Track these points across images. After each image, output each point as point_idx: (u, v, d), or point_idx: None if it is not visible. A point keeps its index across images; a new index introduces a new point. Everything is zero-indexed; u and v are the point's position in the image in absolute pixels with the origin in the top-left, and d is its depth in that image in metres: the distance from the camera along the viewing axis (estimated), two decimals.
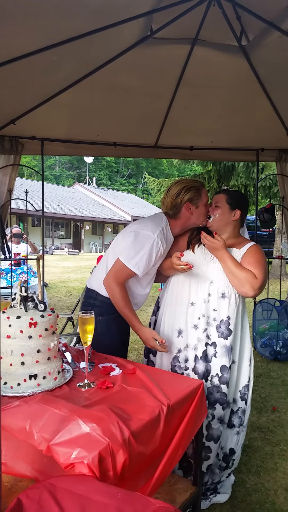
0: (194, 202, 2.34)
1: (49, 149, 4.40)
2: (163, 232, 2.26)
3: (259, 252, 2.30)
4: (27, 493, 1.14)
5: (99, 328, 2.21)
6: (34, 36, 2.50)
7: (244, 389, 2.31)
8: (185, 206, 2.33)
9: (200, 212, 2.37)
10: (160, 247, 2.23)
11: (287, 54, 2.82)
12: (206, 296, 2.23)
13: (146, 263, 2.20)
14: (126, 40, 2.78)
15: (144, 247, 2.20)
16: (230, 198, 2.32)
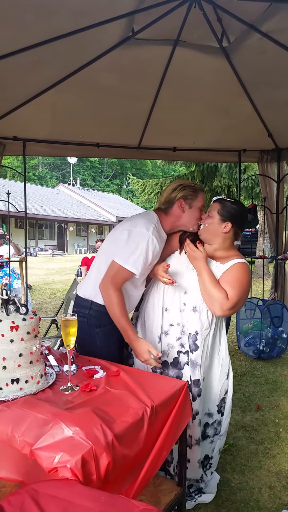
0: (188, 201, 2.23)
1: (32, 149, 4.37)
2: (156, 229, 2.15)
3: (242, 271, 2.14)
4: (9, 500, 1.12)
5: (98, 341, 2.17)
6: (14, 36, 2.48)
7: (220, 403, 2.26)
8: (178, 202, 2.22)
9: (192, 214, 2.25)
10: (156, 245, 2.11)
11: (267, 55, 2.86)
12: (181, 305, 2.17)
13: (143, 262, 2.07)
14: (108, 40, 2.78)
15: (139, 245, 2.07)
16: (222, 209, 2.16)
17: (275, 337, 4.70)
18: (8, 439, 1.37)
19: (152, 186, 13.76)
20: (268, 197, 5.14)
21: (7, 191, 4.46)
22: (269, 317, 4.78)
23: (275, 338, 4.70)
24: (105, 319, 2.12)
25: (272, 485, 2.43)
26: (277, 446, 2.84)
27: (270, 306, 4.82)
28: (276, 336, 4.71)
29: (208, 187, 12.35)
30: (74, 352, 2.00)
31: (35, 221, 25.95)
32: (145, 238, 2.08)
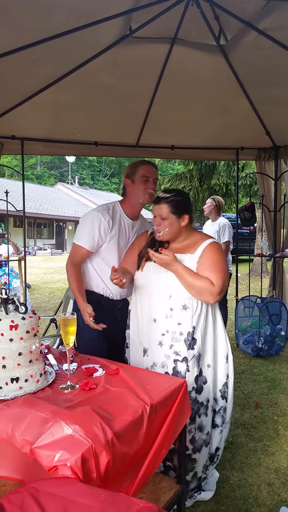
0: (130, 178, 2.47)
1: (30, 148, 4.36)
2: (109, 209, 2.45)
3: (214, 252, 2.16)
4: (9, 498, 1.12)
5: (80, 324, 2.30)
6: (12, 35, 2.48)
7: (223, 388, 2.28)
8: (125, 182, 2.50)
9: (137, 187, 2.45)
10: (102, 220, 2.37)
11: (264, 53, 2.86)
12: (168, 311, 2.13)
13: (90, 237, 2.37)
14: (105, 39, 2.78)
15: (86, 223, 2.41)
16: (173, 207, 2.13)
17: (274, 334, 4.71)
18: (8, 438, 1.37)
19: None
20: (266, 195, 5.15)
21: (5, 190, 4.46)
22: (268, 315, 4.79)
23: (274, 336, 4.71)
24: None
25: (271, 482, 2.44)
26: (276, 443, 2.85)
27: (268, 304, 4.83)
28: (275, 334, 4.72)
29: (206, 185, 12.37)
30: (73, 351, 2.01)
31: (33, 220, 25.92)
32: (90, 216, 2.41)
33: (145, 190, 2.43)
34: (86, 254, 2.42)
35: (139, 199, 2.46)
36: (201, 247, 2.17)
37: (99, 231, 2.38)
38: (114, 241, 2.44)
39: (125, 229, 2.50)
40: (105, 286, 2.50)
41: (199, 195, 12.55)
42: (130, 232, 2.53)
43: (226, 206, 13.18)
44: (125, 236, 2.50)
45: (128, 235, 2.52)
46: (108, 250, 2.45)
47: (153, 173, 2.47)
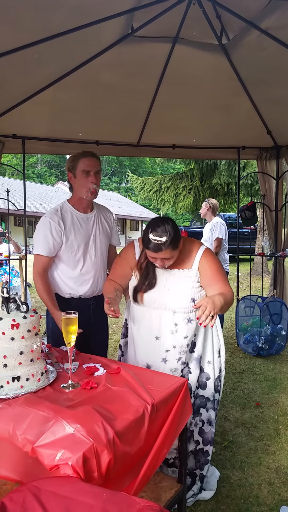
0: (72, 171, 2.42)
1: (31, 147, 4.36)
2: (57, 210, 2.43)
3: (209, 260, 2.13)
4: (11, 497, 1.12)
5: (50, 324, 2.52)
6: (14, 34, 2.47)
7: (216, 381, 2.29)
8: (68, 176, 2.46)
9: (79, 183, 2.40)
10: (52, 223, 2.37)
11: (266, 52, 2.86)
12: (172, 327, 2.12)
13: (44, 242, 2.37)
14: (107, 38, 2.78)
15: (39, 231, 2.41)
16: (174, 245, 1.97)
17: (274, 334, 4.71)
18: (9, 436, 1.38)
19: (151, 183, 13.76)
20: (267, 194, 5.14)
21: (6, 189, 4.46)
22: (268, 314, 4.79)
23: (274, 335, 4.71)
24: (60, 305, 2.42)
25: (272, 481, 2.44)
26: (276, 443, 2.85)
27: (269, 303, 4.83)
28: (275, 333, 4.72)
29: (207, 184, 12.36)
30: (74, 350, 2.01)
31: (34, 219, 25.89)
32: (41, 223, 2.41)
33: (86, 186, 2.38)
34: (47, 261, 2.42)
35: (82, 196, 2.43)
36: (196, 259, 2.13)
37: (52, 235, 2.37)
38: (72, 239, 2.43)
39: (80, 224, 2.48)
40: (72, 290, 2.50)
41: (200, 195, 12.53)
42: (87, 225, 2.51)
43: (227, 205, 13.16)
44: (83, 231, 2.48)
45: (86, 228, 2.50)
46: (68, 251, 2.43)
47: (94, 165, 2.39)
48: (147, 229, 1.98)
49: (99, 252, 2.55)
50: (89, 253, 2.51)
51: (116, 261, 2.37)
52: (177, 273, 2.12)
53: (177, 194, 12.96)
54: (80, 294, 2.51)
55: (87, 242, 2.50)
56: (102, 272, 2.61)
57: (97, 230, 2.55)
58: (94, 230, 2.53)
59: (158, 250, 1.95)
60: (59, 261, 2.46)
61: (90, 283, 2.51)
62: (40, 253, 2.39)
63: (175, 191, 13.01)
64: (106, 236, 2.62)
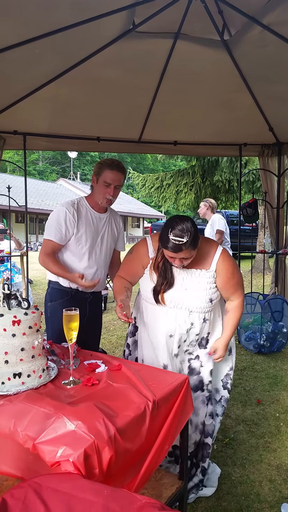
0: (96, 176, 2.53)
1: (32, 143, 4.35)
2: (74, 203, 2.53)
3: (227, 263, 2.13)
4: (12, 493, 1.12)
5: (48, 313, 2.63)
6: (15, 29, 2.46)
7: (226, 378, 2.32)
8: (92, 178, 2.57)
9: (98, 189, 2.53)
10: (67, 213, 2.46)
11: (268, 49, 2.84)
12: (188, 326, 2.12)
13: (57, 230, 2.46)
14: (108, 33, 2.76)
15: (52, 218, 2.50)
16: (194, 245, 1.94)
17: (276, 331, 4.71)
18: (10, 433, 1.38)
19: (153, 180, 13.73)
20: (269, 191, 5.13)
21: (7, 186, 4.45)
22: (270, 311, 4.79)
23: (276, 333, 4.70)
24: (56, 295, 2.59)
25: (273, 478, 2.44)
26: (277, 440, 2.86)
27: (270, 300, 4.82)
28: (277, 331, 4.71)
29: (209, 181, 12.32)
30: (76, 347, 2.01)
31: (35, 216, 25.90)
32: (56, 211, 2.51)
33: (104, 195, 2.51)
34: (57, 247, 2.50)
35: (98, 200, 2.56)
36: (214, 260, 2.12)
37: (65, 224, 2.46)
38: (82, 233, 2.51)
39: (93, 221, 2.57)
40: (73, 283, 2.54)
41: (202, 192, 12.50)
42: (99, 224, 2.61)
43: (229, 202, 13.13)
44: (93, 228, 2.57)
45: (97, 226, 2.60)
46: (76, 243, 2.52)
47: (117, 180, 2.50)
48: (166, 229, 1.92)
49: (104, 251, 2.64)
50: (95, 250, 2.58)
51: (128, 258, 2.31)
52: (195, 273, 2.10)
53: (178, 191, 12.93)
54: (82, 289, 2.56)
55: (95, 238, 2.58)
56: (103, 271, 2.68)
57: (106, 231, 2.65)
58: (103, 230, 2.63)
59: (179, 250, 1.91)
60: (66, 250, 2.54)
61: (89, 278, 2.56)
62: (51, 238, 2.47)
63: (176, 188, 12.98)
64: (113, 238, 2.73)
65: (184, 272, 2.10)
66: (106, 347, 4.86)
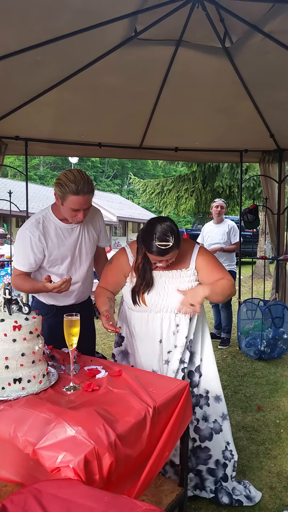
0: (60, 199, 2.18)
1: (33, 149, 4.37)
2: (38, 222, 2.25)
3: (204, 257, 2.16)
4: (12, 499, 1.12)
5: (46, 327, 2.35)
6: (17, 36, 2.49)
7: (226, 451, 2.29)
8: (55, 195, 2.21)
9: (65, 212, 2.20)
10: (32, 239, 2.21)
11: (269, 56, 2.86)
12: (174, 327, 2.12)
13: (25, 259, 2.25)
14: (110, 40, 2.79)
15: (18, 245, 2.27)
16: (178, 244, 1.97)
17: (276, 337, 4.70)
18: (10, 438, 1.37)
19: (154, 186, 13.77)
20: (270, 197, 5.14)
21: (8, 191, 4.46)
22: (270, 317, 4.78)
23: (276, 339, 4.69)
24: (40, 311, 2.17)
25: (273, 485, 2.43)
26: (278, 447, 2.84)
27: (271, 306, 4.81)
28: (277, 337, 4.70)
29: (209, 187, 12.36)
30: (76, 352, 2.01)
31: None
32: (21, 236, 2.26)
33: (73, 218, 2.22)
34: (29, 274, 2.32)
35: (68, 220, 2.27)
36: (193, 258, 2.16)
37: (32, 250, 2.23)
38: (55, 255, 2.29)
39: (65, 236, 2.31)
40: (55, 300, 2.41)
41: (202, 197, 12.54)
42: (72, 237, 2.34)
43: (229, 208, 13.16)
44: (67, 244, 2.32)
45: (71, 241, 2.33)
46: (52, 265, 2.32)
47: (85, 203, 2.16)
48: (149, 234, 1.95)
49: (84, 263, 2.43)
50: (74, 266, 2.38)
51: (108, 268, 2.28)
52: (175, 274, 2.13)
53: (179, 197, 12.97)
54: (64, 304, 2.42)
55: (73, 254, 2.36)
56: (88, 282, 2.51)
57: (82, 241, 2.39)
58: (79, 241, 2.38)
59: (165, 254, 1.95)
60: (44, 271, 2.33)
61: (74, 294, 2.42)
62: (19, 268, 2.27)
63: (177, 193, 13.02)
64: (93, 244, 2.48)
65: (165, 275, 2.12)
66: (106, 353, 4.86)
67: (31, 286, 2.26)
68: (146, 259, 2.12)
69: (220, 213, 5.32)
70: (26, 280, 2.28)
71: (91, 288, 2.63)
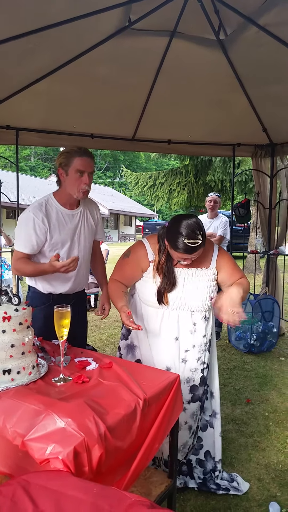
0: (64, 168, 2.28)
1: (25, 139, 4.30)
2: (41, 205, 2.30)
3: (224, 256, 2.18)
4: (0, 490, 1.11)
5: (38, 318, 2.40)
6: (8, 23, 2.43)
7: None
8: (58, 172, 2.32)
9: (70, 181, 2.27)
10: (36, 220, 2.25)
11: (263, 49, 2.84)
12: (191, 326, 2.12)
13: (26, 239, 2.27)
14: (104, 30, 2.75)
15: (21, 227, 2.29)
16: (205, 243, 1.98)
17: (266, 331, 4.73)
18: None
19: (146, 179, 13.74)
20: (261, 192, 5.15)
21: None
22: (260, 311, 4.81)
23: (266, 333, 4.73)
24: (37, 301, 2.40)
25: (261, 477, 2.46)
26: (266, 439, 2.87)
27: (261, 300, 4.84)
28: (267, 331, 4.74)
29: (202, 181, 12.36)
30: (66, 344, 2.00)
31: None
32: (23, 218, 2.28)
33: (79, 186, 2.28)
34: (28, 257, 2.33)
35: (73, 194, 2.32)
36: (214, 258, 2.16)
37: (35, 232, 2.26)
38: (56, 238, 2.33)
39: (65, 221, 2.37)
40: (52, 287, 2.42)
41: (194, 191, 12.54)
42: (72, 222, 2.40)
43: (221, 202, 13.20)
44: (67, 228, 2.37)
45: (71, 226, 2.39)
46: (52, 249, 2.34)
47: (89, 166, 2.28)
48: (176, 232, 1.91)
49: (83, 250, 2.47)
50: (73, 252, 2.41)
51: (125, 261, 2.22)
52: (195, 272, 2.11)
53: (171, 190, 12.96)
54: (61, 291, 2.43)
55: (72, 239, 2.40)
56: (85, 270, 2.54)
57: (82, 227, 2.45)
58: (79, 227, 2.44)
59: (193, 251, 1.92)
60: (42, 257, 2.36)
61: (72, 280, 2.44)
62: (21, 250, 2.28)
63: (169, 187, 13.00)
64: (91, 233, 2.54)
65: (184, 272, 2.10)
66: (97, 345, 4.86)
67: (34, 268, 2.28)
68: (168, 258, 2.08)
69: (214, 207, 5.29)
70: (28, 263, 2.30)
71: (87, 280, 2.64)
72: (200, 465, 2.31)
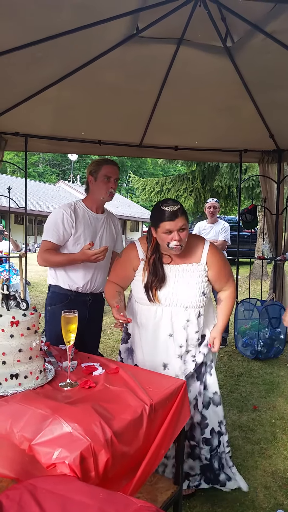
0: (93, 175, 2.59)
1: (33, 145, 4.36)
2: (71, 205, 2.60)
3: (216, 254, 2.20)
4: (7, 494, 1.12)
5: (47, 317, 2.68)
6: (18, 32, 2.47)
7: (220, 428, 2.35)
8: (88, 179, 2.64)
9: (99, 186, 2.58)
10: (65, 214, 2.51)
11: (270, 56, 2.86)
12: (184, 322, 2.13)
13: (54, 231, 2.51)
14: (112, 38, 2.78)
15: (50, 219, 2.55)
16: (185, 214, 2.04)
17: (273, 337, 4.71)
18: (6, 434, 1.37)
19: (153, 185, 13.77)
20: (268, 198, 5.14)
21: (8, 187, 4.45)
22: (267, 318, 4.79)
23: (273, 339, 4.70)
24: (56, 299, 2.62)
25: (268, 485, 2.44)
26: (273, 447, 2.85)
27: (268, 307, 4.82)
28: (274, 337, 4.71)
29: (208, 186, 12.36)
30: (73, 349, 2.01)
31: (34, 218, 25.89)
32: (53, 213, 2.58)
33: (106, 190, 2.57)
34: (55, 248, 2.53)
35: (100, 197, 2.60)
36: (204, 253, 2.18)
37: (63, 224, 2.51)
38: (80, 233, 2.55)
39: (91, 221, 2.62)
40: (71, 281, 2.59)
41: (201, 197, 12.54)
42: (97, 224, 2.65)
43: (228, 208, 13.17)
44: (92, 228, 2.61)
45: (95, 227, 2.64)
46: (75, 243, 2.54)
47: (115, 173, 2.59)
48: (156, 207, 2.04)
49: None
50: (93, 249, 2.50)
51: (118, 262, 2.31)
52: (186, 268, 2.13)
53: (178, 196, 12.96)
54: (78, 285, 2.59)
55: (94, 238, 2.61)
56: (102, 272, 2.68)
57: (104, 232, 2.68)
58: (101, 230, 2.67)
59: (175, 217, 1.98)
60: (65, 251, 2.56)
61: (89, 277, 2.60)
62: (49, 239, 2.51)
63: (176, 192, 13.01)
64: (112, 238, 2.76)
65: (175, 269, 2.13)
66: (103, 350, 4.86)
67: (64, 257, 2.51)
68: (157, 255, 2.13)
69: (214, 213, 5.32)
70: (56, 253, 2.53)
71: (103, 286, 2.73)
72: (207, 443, 2.27)
